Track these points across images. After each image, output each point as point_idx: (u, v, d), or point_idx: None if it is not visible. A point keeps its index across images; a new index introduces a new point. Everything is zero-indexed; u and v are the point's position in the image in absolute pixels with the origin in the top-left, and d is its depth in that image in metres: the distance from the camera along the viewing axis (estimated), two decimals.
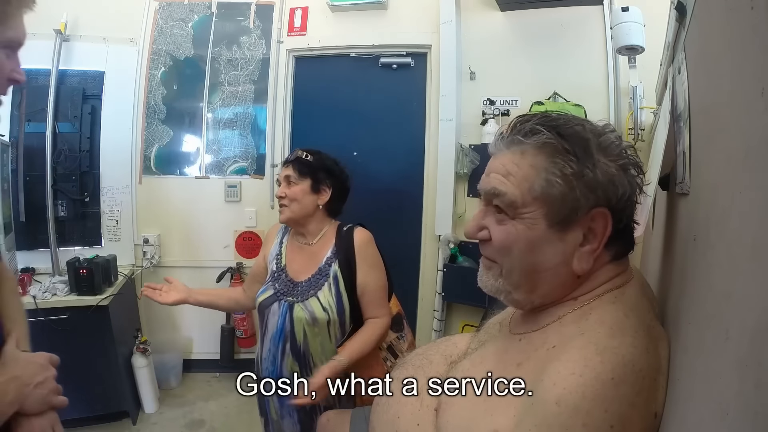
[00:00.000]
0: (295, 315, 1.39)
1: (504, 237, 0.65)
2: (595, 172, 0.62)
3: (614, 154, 0.64)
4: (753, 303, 0.34)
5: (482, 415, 0.64)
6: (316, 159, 1.49)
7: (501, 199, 0.65)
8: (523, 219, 0.64)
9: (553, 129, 0.64)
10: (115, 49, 2.90)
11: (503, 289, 0.69)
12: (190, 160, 3.01)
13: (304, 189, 1.46)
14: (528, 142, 0.65)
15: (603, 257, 0.66)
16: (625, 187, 0.63)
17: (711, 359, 0.42)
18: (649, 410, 0.56)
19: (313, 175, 1.47)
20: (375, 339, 1.42)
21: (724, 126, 0.47)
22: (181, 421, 2.57)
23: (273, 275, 1.49)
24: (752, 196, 0.37)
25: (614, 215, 0.63)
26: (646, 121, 2.31)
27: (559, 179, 0.62)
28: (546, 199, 0.63)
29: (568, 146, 0.63)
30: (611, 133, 0.66)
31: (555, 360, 0.58)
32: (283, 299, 1.43)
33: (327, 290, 1.41)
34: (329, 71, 2.97)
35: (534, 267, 0.65)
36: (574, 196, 0.62)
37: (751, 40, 0.38)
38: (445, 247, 2.65)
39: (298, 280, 1.45)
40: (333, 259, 1.44)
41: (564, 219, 0.63)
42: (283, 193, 1.47)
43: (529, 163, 0.64)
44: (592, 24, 2.56)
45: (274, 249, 1.54)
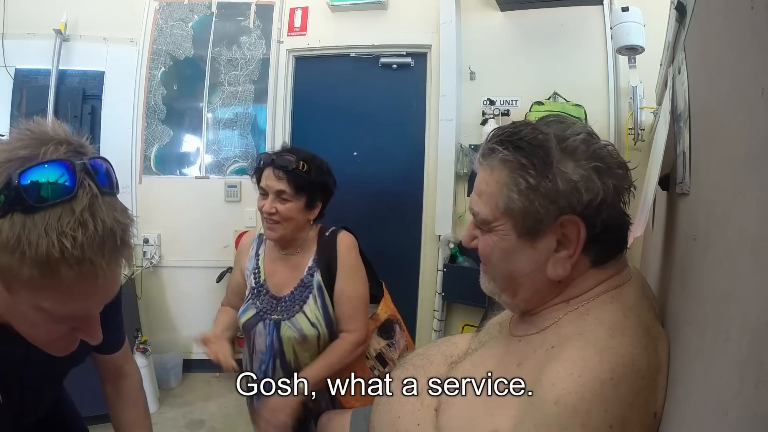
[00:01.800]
0: (282, 334, 1.28)
1: (483, 247, 0.70)
2: (554, 181, 0.62)
3: (582, 158, 0.63)
4: (753, 303, 0.34)
5: (482, 415, 0.64)
6: (316, 172, 1.29)
7: (477, 218, 0.70)
8: (496, 231, 0.68)
9: (511, 144, 0.66)
10: (115, 49, 2.90)
11: (495, 292, 0.73)
12: (190, 160, 3.01)
13: (299, 207, 1.28)
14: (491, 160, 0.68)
15: (583, 262, 0.65)
16: (594, 191, 0.62)
17: (711, 359, 0.42)
18: (649, 410, 0.56)
19: (310, 192, 1.29)
20: (341, 360, 1.26)
21: (724, 126, 0.47)
22: (181, 421, 2.57)
23: (253, 292, 1.35)
24: (752, 196, 0.37)
25: (586, 221, 0.62)
26: (646, 121, 2.31)
27: (516, 195, 0.64)
28: (510, 214, 0.65)
29: (526, 160, 0.64)
30: (577, 136, 0.65)
31: (554, 360, 0.58)
32: (267, 318, 1.30)
33: (312, 303, 1.29)
34: (329, 71, 2.97)
35: (510, 274, 0.69)
36: (534, 208, 0.63)
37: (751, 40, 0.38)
38: (445, 247, 2.65)
39: (281, 295, 1.32)
40: (315, 268, 1.31)
41: (530, 230, 0.65)
42: (273, 209, 1.26)
43: (495, 180, 0.67)
44: (592, 24, 2.56)
45: (250, 263, 1.39)
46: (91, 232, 0.54)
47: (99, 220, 0.55)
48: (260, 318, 1.31)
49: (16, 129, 0.60)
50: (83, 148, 0.60)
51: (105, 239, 0.55)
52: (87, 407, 1.15)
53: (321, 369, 1.24)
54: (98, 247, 0.54)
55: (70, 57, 2.85)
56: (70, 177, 0.55)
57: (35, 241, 0.51)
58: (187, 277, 2.98)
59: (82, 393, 1.07)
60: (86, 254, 0.53)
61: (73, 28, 2.85)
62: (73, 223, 0.53)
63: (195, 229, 2.97)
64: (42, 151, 0.56)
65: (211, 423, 2.53)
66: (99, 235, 0.54)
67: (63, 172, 0.55)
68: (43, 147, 0.56)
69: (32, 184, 0.53)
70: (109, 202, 0.58)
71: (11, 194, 0.52)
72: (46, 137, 0.58)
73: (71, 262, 0.53)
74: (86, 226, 0.53)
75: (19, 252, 0.52)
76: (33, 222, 0.52)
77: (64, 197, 0.54)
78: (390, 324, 1.44)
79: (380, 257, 2.80)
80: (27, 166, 0.54)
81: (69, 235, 0.52)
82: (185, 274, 2.97)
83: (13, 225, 0.52)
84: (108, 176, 0.60)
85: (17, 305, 0.58)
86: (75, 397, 1.11)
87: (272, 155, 1.30)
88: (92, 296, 0.58)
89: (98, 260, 0.54)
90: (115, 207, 0.58)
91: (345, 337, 1.30)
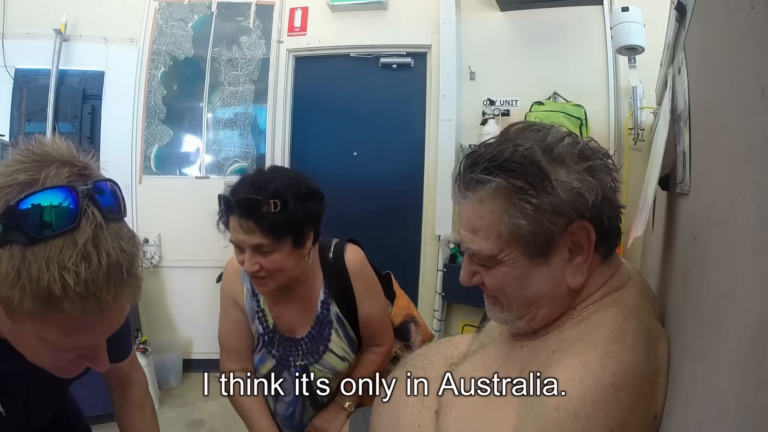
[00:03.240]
0: (313, 378, 1.17)
1: (493, 281, 0.66)
2: (556, 194, 0.60)
3: (573, 163, 0.62)
4: (753, 303, 0.34)
5: (483, 419, 0.63)
6: (293, 205, 1.00)
7: (477, 256, 0.66)
8: (504, 262, 0.64)
9: (499, 169, 0.61)
10: (115, 49, 2.90)
11: (509, 320, 0.69)
12: (190, 160, 3.00)
13: (286, 253, 1.03)
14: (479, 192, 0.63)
15: (596, 259, 0.65)
16: (594, 190, 0.61)
17: (711, 359, 0.42)
18: (649, 413, 0.56)
19: (293, 231, 1.03)
20: (379, 370, 1.22)
21: (724, 126, 0.47)
22: (181, 421, 2.57)
23: (263, 339, 1.17)
24: (752, 196, 0.37)
25: (594, 221, 0.62)
26: (646, 121, 2.30)
27: (522, 220, 0.61)
28: (518, 240, 0.62)
29: (521, 182, 0.60)
30: (561, 141, 0.63)
31: (555, 365, 0.58)
32: (291, 366, 1.17)
33: (336, 338, 1.17)
34: (329, 71, 2.97)
35: (530, 299, 0.65)
36: (544, 227, 0.60)
37: (751, 40, 0.38)
38: (445, 247, 2.65)
39: (299, 337, 1.17)
40: (329, 301, 1.16)
41: (542, 249, 0.62)
42: (256, 266, 1.02)
43: (489, 210, 0.63)
44: (592, 24, 2.56)
45: (248, 303, 1.18)
46: (95, 266, 0.50)
47: (104, 253, 0.51)
48: (284, 367, 1.17)
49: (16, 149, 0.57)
50: (87, 170, 0.57)
51: (110, 273, 0.52)
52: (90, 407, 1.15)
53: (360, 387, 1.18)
54: (103, 282, 0.51)
55: (70, 57, 2.85)
56: (72, 205, 0.52)
57: (36, 276, 0.49)
58: (187, 277, 2.97)
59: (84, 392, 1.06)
60: (90, 290, 0.50)
61: (73, 28, 2.85)
62: (76, 256, 0.50)
63: (195, 229, 2.96)
64: (43, 175, 0.52)
65: (211, 423, 2.52)
66: (103, 269, 0.51)
67: (64, 200, 0.51)
68: (44, 170, 0.53)
69: (31, 213, 0.50)
70: (115, 229, 0.54)
71: (10, 224, 0.50)
72: (48, 158, 0.54)
73: (74, 298, 0.50)
74: (90, 260, 0.50)
75: (20, 286, 0.49)
76: (33, 255, 0.49)
77: (66, 228, 0.50)
78: (405, 326, 1.38)
79: (380, 257, 2.79)
80: (26, 193, 0.51)
81: (71, 270, 0.49)
82: (185, 274, 2.97)
83: (13, 257, 0.49)
84: (114, 200, 0.57)
85: (21, 333, 0.56)
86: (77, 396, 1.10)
87: (232, 199, 1.02)
88: (97, 329, 0.56)
89: (103, 295, 0.51)
90: (122, 235, 0.55)
91: (376, 351, 1.24)
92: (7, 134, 2.75)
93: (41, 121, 2.75)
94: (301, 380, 1.15)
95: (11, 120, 2.79)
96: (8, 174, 0.52)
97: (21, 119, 2.79)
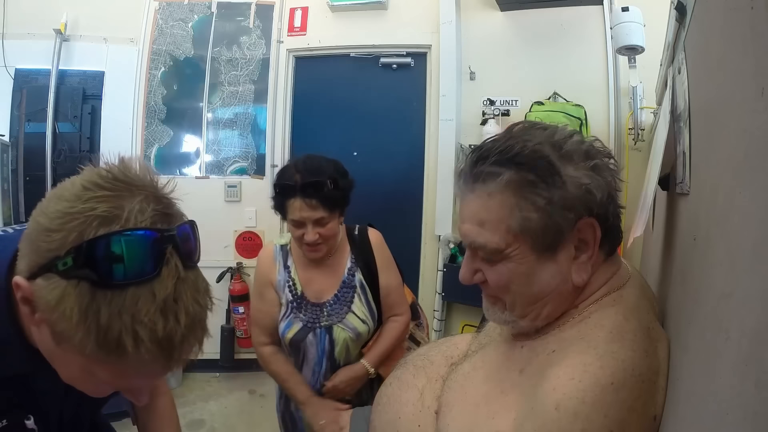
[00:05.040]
0: (335, 337, 1.30)
1: (498, 277, 0.65)
2: (566, 189, 0.60)
3: (580, 160, 0.62)
4: (753, 303, 0.34)
5: (483, 419, 0.63)
6: (342, 183, 1.26)
7: (483, 250, 0.64)
8: (511, 258, 0.63)
9: (511, 162, 0.61)
10: (115, 49, 2.90)
11: (510, 320, 0.68)
12: (190, 160, 3.01)
13: (336, 222, 1.27)
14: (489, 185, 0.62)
15: (598, 259, 0.65)
16: (602, 189, 0.62)
17: (711, 359, 0.42)
18: (648, 414, 0.55)
19: (342, 203, 1.27)
20: (401, 339, 1.39)
21: (724, 126, 0.47)
22: (181, 421, 2.55)
23: (291, 305, 1.32)
24: (752, 196, 0.37)
25: (600, 218, 0.62)
26: (646, 121, 2.31)
27: (533, 213, 0.60)
28: (527, 235, 0.61)
29: (532, 176, 0.60)
30: (569, 138, 0.64)
31: (555, 365, 0.58)
32: (316, 327, 1.30)
33: (358, 301, 1.33)
34: (329, 71, 2.97)
35: (535, 296, 0.64)
36: (554, 221, 0.60)
37: (751, 40, 0.38)
38: (445, 247, 2.65)
39: (323, 301, 1.32)
40: (355, 268, 1.35)
41: (550, 245, 0.62)
42: (316, 236, 1.23)
43: (498, 204, 0.62)
44: (592, 24, 2.56)
45: (281, 278, 1.34)
46: (172, 324, 0.46)
47: (182, 310, 0.47)
48: (309, 329, 1.30)
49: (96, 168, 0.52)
50: (170, 207, 0.53)
51: (186, 332, 0.47)
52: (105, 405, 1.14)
53: (383, 354, 1.34)
54: (178, 342, 0.47)
55: (70, 57, 2.85)
56: (155, 254, 0.47)
57: (105, 323, 0.44)
58: None
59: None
60: (164, 348, 0.46)
61: (73, 28, 2.85)
62: (154, 312, 0.45)
63: None
64: (126, 211, 0.47)
65: (211, 423, 2.53)
66: (181, 328, 0.46)
67: (148, 246, 0.47)
68: (128, 204, 0.48)
69: (110, 256, 0.45)
70: (193, 280, 0.50)
71: (81, 261, 0.45)
72: (131, 188, 0.49)
73: (144, 354, 0.45)
74: (167, 317, 0.46)
75: (85, 328, 0.44)
76: (106, 300, 0.44)
77: (146, 277, 0.46)
78: (414, 306, 1.54)
79: None
80: (105, 230, 0.46)
81: (147, 326, 0.45)
82: None
83: (81, 295, 0.45)
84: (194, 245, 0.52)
85: (64, 359, 0.51)
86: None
87: (295, 185, 1.21)
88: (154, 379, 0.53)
89: (175, 354, 0.47)
90: (198, 287, 0.50)
91: (396, 320, 1.39)
92: (7, 134, 2.75)
93: (41, 121, 2.75)
94: (323, 340, 1.30)
95: (11, 120, 2.79)
96: (86, 199, 0.47)
97: (21, 119, 2.80)
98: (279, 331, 1.31)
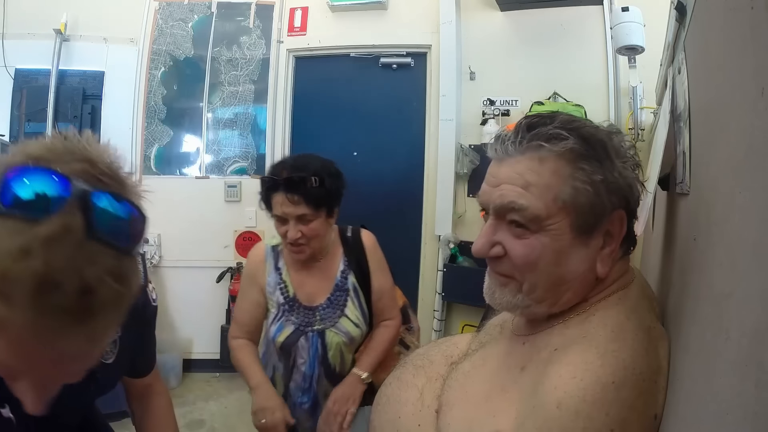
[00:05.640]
0: (328, 341, 1.28)
1: (528, 252, 0.60)
2: (615, 176, 0.61)
3: (625, 156, 0.64)
4: (753, 303, 0.34)
5: (484, 417, 0.63)
6: (329, 181, 1.22)
7: (522, 214, 0.60)
8: (548, 231, 0.60)
9: (575, 132, 0.60)
10: (115, 49, 2.90)
11: (522, 305, 0.65)
12: (190, 160, 3.01)
13: (322, 221, 1.23)
14: (550, 148, 0.60)
15: (617, 255, 0.66)
16: (636, 187, 0.64)
17: (711, 359, 0.42)
18: (649, 413, 0.56)
19: (328, 204, 1.24)
20: (392, 343, 1.36)
21: (724, 126, 0.47)
22: (181, 421, 2.56)
23: (283, 308, 1.29)
24: (752, 196, 0.37)
25: (628, 215, 0.64)
26: (646, 121, 2.31)
27: (589, 186, 0.59)
28: (573, 208, 0.59)
29: (594, 151, 0.60)
30: (620, 134, 0.66)
31: (556, 363, 0.58)
32: (308, 330, 1.27)
33: (351, 305, 1.30)
34: (329, 71, 2.97)
35: (561, 279, 0.62)
36: (601, 201, 0.60)
37: (751, 40, 0.38)
38: (445, 247, 2.65)
39: (315, 305, 1.29)
40: (347, 271, 1.32)
41: (590, 226, 0.61)
42: (298, 234, 1.20)
43: (550, 171, 0.60)
44: (592, 24, 2.56)
45: (271, 278, 1.31)
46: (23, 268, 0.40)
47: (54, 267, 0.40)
48: (301, 332, 1.27)
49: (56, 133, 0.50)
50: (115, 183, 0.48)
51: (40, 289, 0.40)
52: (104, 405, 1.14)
53: (375, 359, 1.30)
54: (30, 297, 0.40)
55: (70, 57, 2.85)
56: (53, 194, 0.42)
57: None
58: (187, 277, 2.97)
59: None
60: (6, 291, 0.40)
61: (73, 28, 2.85)
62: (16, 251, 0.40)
63: (195, 229, 2.97)
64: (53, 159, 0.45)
65: (211, 423, 2.53)
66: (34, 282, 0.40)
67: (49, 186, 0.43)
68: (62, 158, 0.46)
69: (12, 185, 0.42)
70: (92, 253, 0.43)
71: None
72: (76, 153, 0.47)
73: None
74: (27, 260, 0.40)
75: None
76: None
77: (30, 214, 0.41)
78: (405, 310, 1.51)
79: None
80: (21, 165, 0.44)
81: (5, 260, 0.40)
82: (185, 274, 2.97)
83: None
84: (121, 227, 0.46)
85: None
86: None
87: (279, 179, 1.19)
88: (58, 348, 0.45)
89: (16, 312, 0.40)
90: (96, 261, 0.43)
91: (388, 325, 1.36)
92: (7, 134, 2.75)
93: (41, 121, 2.75)
94: (316, 345, 1.27)
95: (11, 120, 2.79)
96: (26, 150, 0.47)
97: (21, 119, 2.80)
98: (270, 335, 1.28)
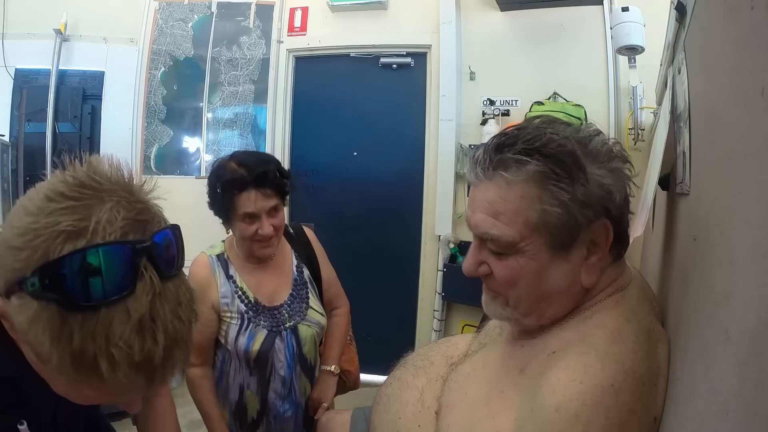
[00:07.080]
0: (302, 336, 1.27)
1: (508, 273, 0.62)
2: (588, 187, 0.59)
3: (603, 160, 0.61)
4: (753, 303, 0.34)
5: (484, 419, 0.63)
6: (283, 170, 1.24)
7: (496, 243, 0.61)
8: (524, 252, 0.60)
9: (538, 153, 0.59)
10: (115, 49, 2.90)
11: (512, 317, 0.66)
12: (190, 160, 3.01)
13: (282, 210, 1.25)
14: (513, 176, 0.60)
15: (607, 262, 0.65)
16: (621, 191, 0.62)
17: (711, 359, 0.42)
18: (649, 415, 0.55)
19: (287, 191, 1.25)
20: (347, 332, 1.45)
21: (724, 126, 0.47)
22: (181, 421, 2.54)
23: (247, 315, 1.23)
24: (752, 197, 0.37)
25: (614, 221, 0.62)
26: (646, 121, 2.30)
27: (556, 207, 0.59)
28: (545, 229, 0.59)
29: (559, 169, 0.59)
30: (596, 136, 0.63)
31: (555, 366, 0.58)
32: (282, 329, 1.25)
33: (312, 296, 1.33)
34: (329, 71, 2.97)
35: (543, 294, 0.63)
36: (574, 218, 0.59)
37: (751, 40, 0.38)
38: (445, 247, 2.65)
39: (279, 303, 1.27)
40: (301, 265, 1.34)
41: (566, 243, 0.60)
42: (271, 228, 1.19)
43: (518, 195, 0.60)
44: (592, 24, 2.56)
45: (226, 290, 1.25)
46: (150, 345, 0.43)
47: (161, 328, 0.44)
48: (275, 334, 1.25)
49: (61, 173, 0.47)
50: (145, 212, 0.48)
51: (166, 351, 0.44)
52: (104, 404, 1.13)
53: (338, 350, 1.40)
54: (158, 362, 0.44)
55: (70, 57, 2.85)
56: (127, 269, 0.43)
57: (79, 347, 0.41)
58: None
59: None
60: (142, 369, 0.43)
61: (73, 28, 2.85)
62: (129, 333, 0.42)
63: (195, 229, 2.95)
64: (93, 223, 0.43)
65: None
66: (159, 348, 0.43)
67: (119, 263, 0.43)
68: (95, 214, 0.44)
69: (77, 275, 0.41)
70: (173, 292, 0.46)
71: (47, 282, 0.41)
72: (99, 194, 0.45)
73: (121, 376, 0.42)
74: (144, 337, 0.43)
75: (60, 350, 0.42)
76: (77, 322, 0.41)
77: (118, 296, 0.42)
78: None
79: (380, 257, 2.81)
80: (71, 248, 0.42)
81: (123, 348, 0.42)
82: None
83: (51, 317, 0.42)
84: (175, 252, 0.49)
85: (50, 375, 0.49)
86: None
87: (246, 177, 1.17)
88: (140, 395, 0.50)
89: (156, 374, 0.45)
90: (179, 298, 0.47)
91: (339, 313, 1.44)
92: (7, 134, 2.75)
93: (41, 121, 2.75)
94: (290, 342, 1.27)
95: (11, 120, 2.79)
96: (49, 212, 0.44)
97: (21, 119, 2.80)
98: (241, 347, 1.22)
